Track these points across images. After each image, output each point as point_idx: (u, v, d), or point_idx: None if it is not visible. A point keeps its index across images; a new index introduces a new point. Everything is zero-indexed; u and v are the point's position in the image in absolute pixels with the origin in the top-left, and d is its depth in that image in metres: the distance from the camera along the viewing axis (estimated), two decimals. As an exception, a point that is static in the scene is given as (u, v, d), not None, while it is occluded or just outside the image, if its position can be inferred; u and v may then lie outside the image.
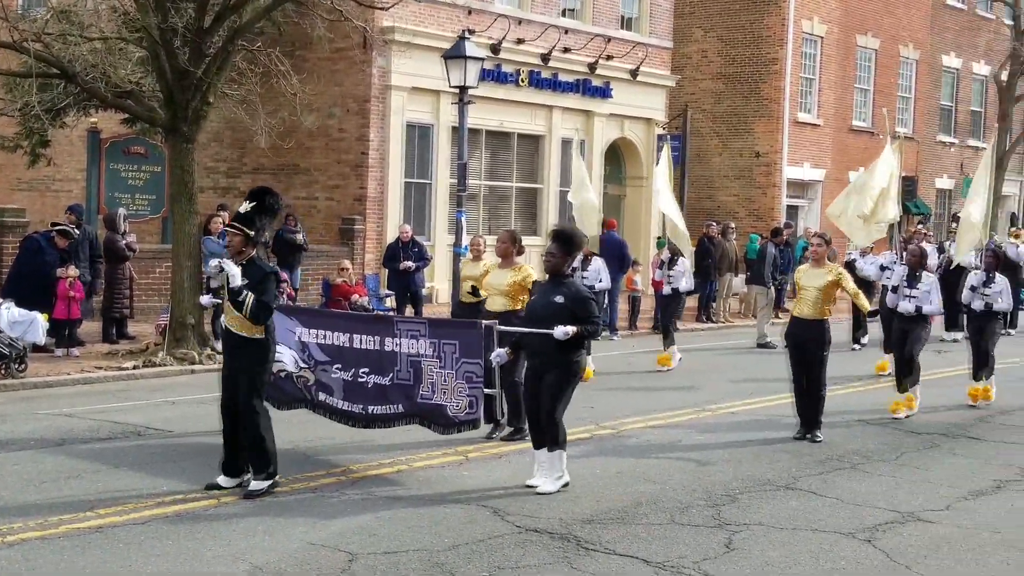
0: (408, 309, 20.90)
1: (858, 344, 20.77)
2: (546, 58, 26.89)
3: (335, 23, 19.46)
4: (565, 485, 9.54)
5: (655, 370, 17.45)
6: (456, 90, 20.66)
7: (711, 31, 33.94)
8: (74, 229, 17.48)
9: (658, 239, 24.91)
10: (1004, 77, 39.46)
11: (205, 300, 9.79)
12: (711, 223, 25.52)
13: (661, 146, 22.07)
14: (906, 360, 13.85)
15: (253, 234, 9.18)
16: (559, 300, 9.49)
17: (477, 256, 13.26)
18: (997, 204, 39.59)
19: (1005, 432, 13.08)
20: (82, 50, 17.19)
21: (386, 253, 21.80)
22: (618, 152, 30.30)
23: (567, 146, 26.07)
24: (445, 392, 10.01)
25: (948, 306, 19.79)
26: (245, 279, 8.97)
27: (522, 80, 26.67)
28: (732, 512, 9.04)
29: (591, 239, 17.23)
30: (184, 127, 16.95)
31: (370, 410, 10.44)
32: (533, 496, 9.31)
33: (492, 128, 26.51)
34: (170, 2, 16.57)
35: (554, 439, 9.52)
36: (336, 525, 8.34)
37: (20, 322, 15.18)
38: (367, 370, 10.41)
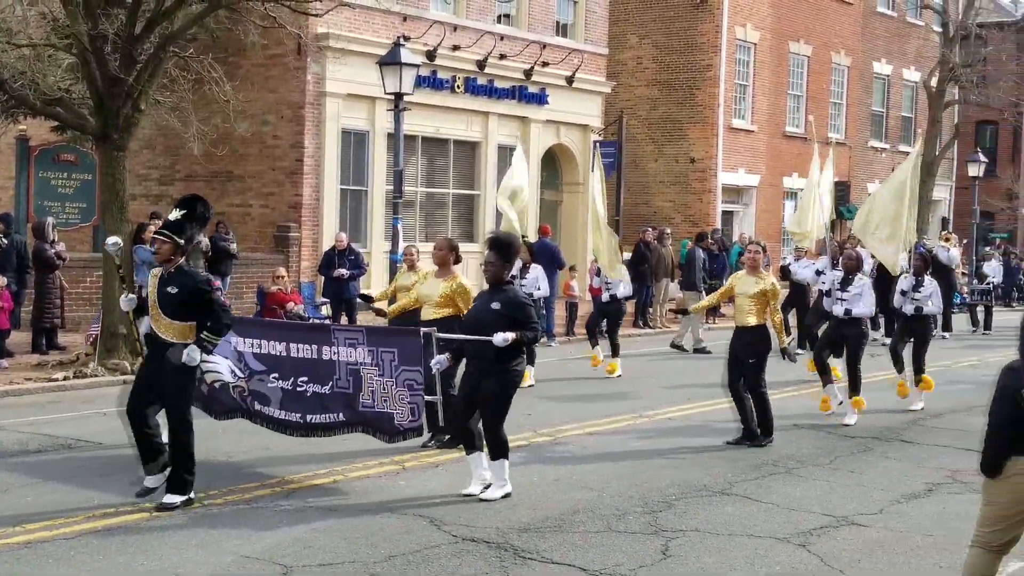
0: (344, 318, 20.78)
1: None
2: (482, 64, 26.89)
3: (269, 29, 19.34)
4: (507, 495, 9.52)
5: (594, 376, 17.49)
6: (392, 97, 20.60)
7: (646, 38, 34.13)
8: (2, 238, 17.20)
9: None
10: (934, 83, 40.09)
11: (124, 302, 9.55)
12: (647, 229, 25.61)
13: (605, 153, 22.15)
14: (849, 369, 14.00)
15: (183, 242, 9.11)
16: (496, 307, 9.49)
17: (411, 266, 13.21)
18: (927, 209, 40.23)
19: (937, 435, 13.24)
20: (10, 57, 16.94)
21: (322, 260, 21.67)
22: (554, 158, 30.37)
23: (505, 152, 26.08)
24: (387, 400, 9.94)
25: (884, 311, 20.10)
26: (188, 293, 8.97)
27: (458, 87, 26.65)
28: (668, 518, 9.07)
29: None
30: (115, 134, 16.74)
31: (309, 419, 10.35)
32: (470, 505, 9.28)
33: (428, 135, 26.46)
34: (100, 9, 16.35)
35: (496, 450, 9.50)
36: (271, 537, 8.25)
37: (-53, 333, 14.91)
38: (305, 379, 10.33)
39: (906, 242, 15.38)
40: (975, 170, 36.56)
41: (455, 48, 26.31)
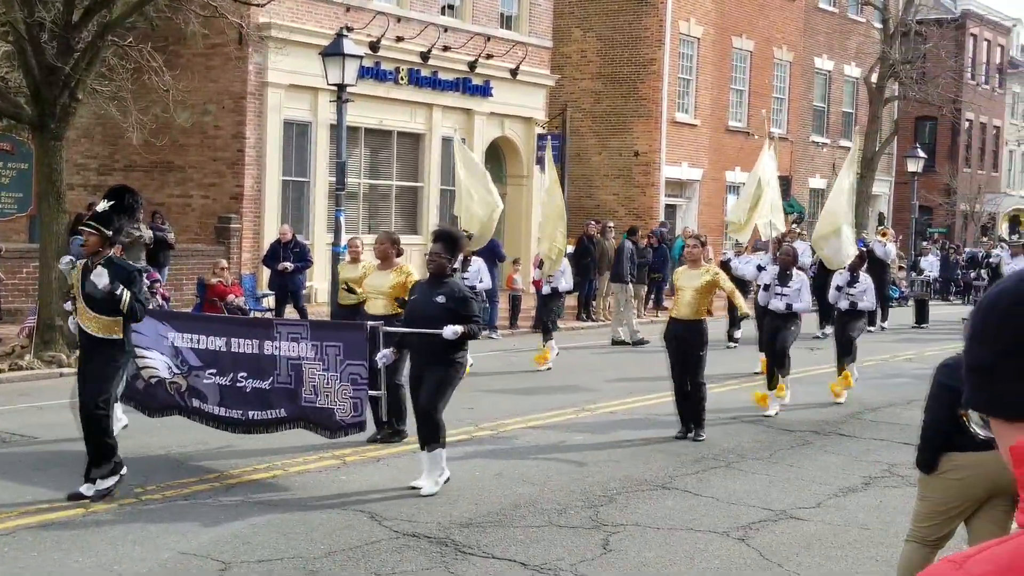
0: (288, 310, 20.62)
1: (734, 342, 21.13)
2: (426, 56, 26.79)
3: (210, 19, 19.12)
4: (446, 480, 9.51)
5: (535, 370, 17.49)
6: (334, 88, 20.45)
7: (590, 31, 34.16)
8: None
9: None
10: (874, 79, 40.51)
11: (68, 307, 9.48)
12: (591, 222, 25.69)
13: (542, 145, 22.10)
14: (777, 353, 14.12)
15: (111, 234, 9.01)
16: (440, 300, 9.48)
17: (355, 258, 13.13)
18: (867, 204, 40.68)
19: (874, 429, 13.39)
20: (-56, 44, 16.64)
21: (267, 253, 21.48)
22: (499, 151, 30.34)
23: (448, 144, 25.99)
24: (328, 395, 9.88)
25: (821, 304, 20.38)
26: (115, 282, 8.79)
27: (402, 78, 26.53)
28: (609, 513, 9.09)
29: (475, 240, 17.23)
30: (52, 124, 16.49)
31: (250, 415, 10.26)
32: (411, 500, 9.24)
33: (371, 126, 26.32)
34: (37, -5, 16.11)
35: (434, 437, 9.48)
36: (209, 533, 8.17)
37: None
38: (245, 374, 10.23)
39: (846, 236, 15.58)
40: (914, 165, 37.01)
41: (399, 39, 26.19)
